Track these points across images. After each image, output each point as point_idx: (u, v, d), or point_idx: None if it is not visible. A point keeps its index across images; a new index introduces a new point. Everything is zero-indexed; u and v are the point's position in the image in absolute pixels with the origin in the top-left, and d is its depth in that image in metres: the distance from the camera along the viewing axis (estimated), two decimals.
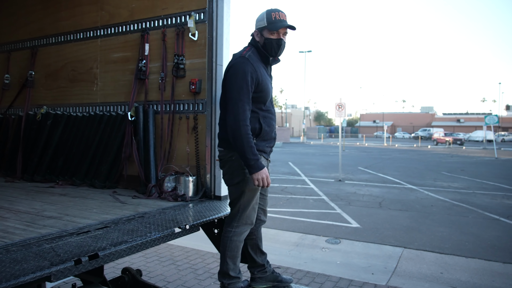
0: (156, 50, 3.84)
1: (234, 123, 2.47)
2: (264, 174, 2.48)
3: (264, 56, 2.72)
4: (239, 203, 2.66)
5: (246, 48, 2.73)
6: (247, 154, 2.44)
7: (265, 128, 2.67)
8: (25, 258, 1.83)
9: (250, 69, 2.55)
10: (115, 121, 4.00)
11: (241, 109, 2.47)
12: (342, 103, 12.82)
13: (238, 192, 2.65)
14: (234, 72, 2.57)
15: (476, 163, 21.58)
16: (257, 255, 2.96)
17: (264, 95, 2.66)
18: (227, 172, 2.73)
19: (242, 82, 2.51)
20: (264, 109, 2.70)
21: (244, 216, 2.68)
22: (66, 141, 4.33)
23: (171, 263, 5.00)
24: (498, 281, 4.58)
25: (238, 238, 2.70)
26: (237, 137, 2.46)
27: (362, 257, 5.38)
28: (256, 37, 2.73)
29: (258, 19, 2.72)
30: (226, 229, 2.72)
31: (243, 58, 2.60)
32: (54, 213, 2.83)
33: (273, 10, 2.67)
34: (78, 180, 4.13)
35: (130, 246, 2.11)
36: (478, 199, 9.92)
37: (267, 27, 2.66)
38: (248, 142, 2.45)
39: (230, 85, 2.57)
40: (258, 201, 2.76)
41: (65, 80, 4.51)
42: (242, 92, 2.50)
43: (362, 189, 11.47)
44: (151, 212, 2.92)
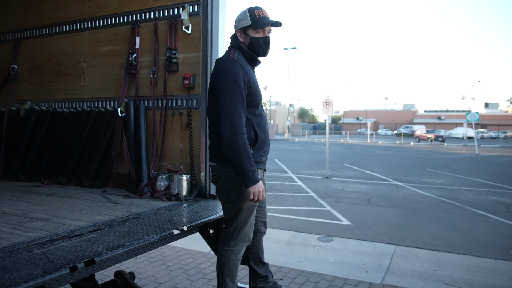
0: (147, 43, 3.69)
1: (230, 131, 2.25)
2: (261, 187, 2.34)
3: (251, 57, 2.54)
4: (236, 221, 2.50)
5: (230, 51, 2.52)
6: (245, 165, 2.25)
7: (260, 136, 2.50)
8: (15, 265, 1.69)
9: (241, 71, 2.36)
10: (104, 117, 3.84)
11: (236, 116, 2.27)
12: (329, 100, 12.81)
13: (235, 210, 2.48)
14: (224, 77, 2.34)
15: (458, 159, 21.94)
16: (259, 267, 2.87)
17: (256, 98, 2.49)
18: (221, 188, 2.53)
19: (235, 87, 2.30)
20: (257, 114, 2.52)
21: (242, 234, 2.53)
22: (52, 138, 4.15)
23: (161, 264, 4.86)
24: (490, 277, 4.59)
25: (236, 257, 2.56)
26: (233, 147, 2.25)
27: (355, 255, 5.34)
28: (240, 38, 2.53)
29: (239, 18, 2.53)
30: (223, 248, 2.55)
31: (232, 61, 2.39)
32: (42, 214, 2.68)
33: (255, 8, 2.50)
34: (64, 179, 3.96)
35: (128, 250, 1.99)
36: (463, 196, 10.04)
37: (252, 26, 2.48)
38: (246, 152, 2.26)
39: (221, 91, 2.33)
40: (255, 216, 2.62)
41: (50, 74, 4.31)
42: (235, 97, 2.29)
43: (349, 186, 11.48)
44: (146, 213, 2.79)
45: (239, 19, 2.53)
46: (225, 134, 2.27)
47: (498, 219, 7.49)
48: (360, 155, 24.19)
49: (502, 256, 5.32)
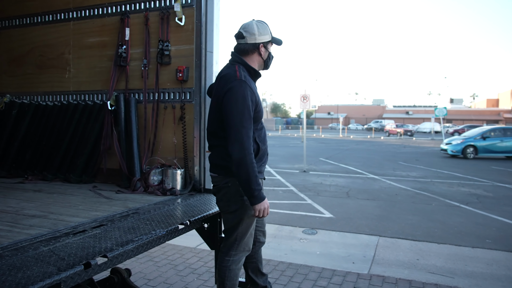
0: (137, 35, 3.60)
1: (240, 152, 2.26)
2: (266, 204, 2.37)
3: (254, 73, 2.54)
4: (236, 231, 2.50)
5: (234, 67, 2.47)
6: (252, 184, 2.28)
7: (262, 148, 2.53)
8: (25, 264, 1.62)
9: (250, 92, 2.36)
10: (92, 110, 3.73)
11: (245, 136, 2.28)
12: (307, 95, 12.92)
13: (236, 220, 2.49)
14: (233, 97, 2.32)
15: (427, 153, 22.66)
16: (258, 277, 2.88)
17: (260, 114, 2.51)
18: (222, 199, 2.52)
19: (244, 108, 2.30)
20: (259, 128, 2.54)
21: (242, 244, 2.54)
22: (35, 132, 3.99)
23: (148, 260, 4.79)
24: (470, 265, 4.79)
25: (236, 266, 2.56)
26: (243, 167, 2.26)
27: (341, 247, 5.44)
28: (262, 52, 2.52)
29: (261, 32, 2.48)
30: (224, 258, 2.55)
31: (241, 81, 2.36)
32: (36, 211, 2.58)
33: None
34: (50, 175, 3.82)
35: (138, 246, 1.95)
36: (436, 187, 10.39)
37: (272, 41, 2.54)
38: (254, 172, 2.28)
39: (230, 111, 2.32)
40: (255, 226, 2.63)
41: (32, 66, 4.13)
42: (244, 118, 2.29)
43: (327, 179, 11.65)
44: (144, 208, 2.74)
45: (260, 33, 2.49)
46: (235, 154, 2.27)
47: (471, 210, 7.81)
48: (334, 149, 24.57)
49: (479, 245, 5.56)
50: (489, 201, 8.74)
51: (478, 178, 12.15)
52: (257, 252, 2.86)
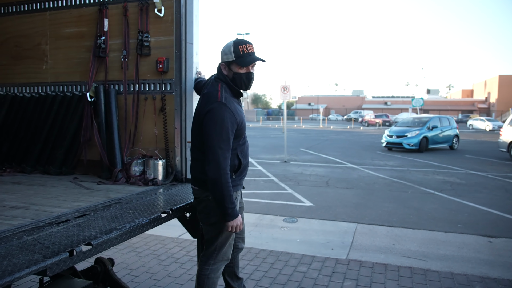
0: (116, 26, 3.59)
1: (216, 172, 2.32)
2: (239, 221, 2.45)
3: (236, 91, 2.55)
4: (216, 242, 2.58)
5: (217, 86, 2.49)
6: (226, 203, 2.36)
7: (243, 162, 2.59)
8: (10, 252, 1.65)
9: (229, 115, 2.38)
10: (71, 102, 3.71)
11: (221, 157, 2.33)
12: (287, 86, 13.01)
13: (215, 232, 2.56)
14: (212, 119, 2.36)
15: None
16: (234, 281, 2.97)
17: (242, 132, 2.54)
18: (203, 211, 2.59)
19: (221, 130, 2.34)
20: (241, 143, 2.58)
21: (221, 253, 2.63)
22: (11, 124, 3.94)
23: (131, 251, 4.82)
24: (442, 248, 5.01)
25: (215, 275, 2.65)
26: (217, 186, 2.33)
27: (320, 234, 5.58)
28: (224, 71, 2.52)
29: (224, 52, 2.50)
30: (203, 267, 2.63)
31: (221, 104, 2.38)
32: (17, 202, 2.58)
33: (240, 42, 2.46)
34: (28, 167, 3.79)
35: (121, 233, 2.00)
36: (412, 176, 10.69)
37: (235, 62, 2.45)
38: (228, 191, 2.35)
39: (208, 132, 2.37)
40: (234, 237, 2.71)
41: (7, 57, 4.06)
42: (221, 140, 2.34)
43: (307, 169, 11.83)
44: (126, 198, 2.77)
45: (224, 52, 2.50)
46: (210, 174, 2.33)
47: (445, 196, 8.10)
48: (314, 139, 24.84)
49: (451, 229, 5.80)
50: (461, 188, 9.07)
51: (452, 167, 12.55)
52: (235, 258, 2.94)
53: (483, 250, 4.96)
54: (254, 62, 2.49)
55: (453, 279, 4.05)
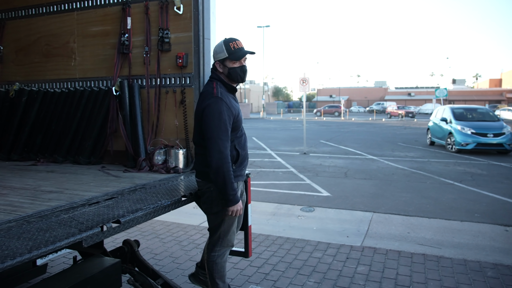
0: (138, 24, 3.81)
1: (218, 161, 2.50)
2: (239, 206, 2.64)
3: (231, 88, 2.77)
4: (219, 230, 2.79)
5: (212, 84, 2.71)
6: (228, 189, 2.54)
7: (241, 153, 2.77)
8: (50, 227, 1.89)
9: (225, 108, 2.59)
10: (98, 96, 3.97)
11: (222, 147, 2.52)
12: (306, 78, 13.08)
13: (218, 220, 2.76)
14: (210, 113, 2.57)
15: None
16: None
17: (238, 124, 2.74)
18: (206, 201, 2.78)
19: (220, 122, 2.54)
20: (238, 136, 2.77)
21: (225, 240, 2.84)
22: (44, 118, 4.24)
23: (154, 237, 5.09)
24: (457, 237, 5.08)
25: (222, 260, 2.87)
26: (220, 174, 2.51)
27: (336, 223, 5.73)
28: (219, 69, 2.73)
29: (217, 51, 2.73)
30: (210, 254, 2.85)
31: (217, 98, 2.60)
32: (52, 188, 2.85)
33: (230, 40, 2.70)
34: (60, 157, 4.08)
35: (146, 213, 2.21)
36: (433, 167, 10.65)
37: (229, 58, 2.68)
38: (229, 178, 2.53)
39: (207, 126, 2.56)
40: (236, 224, 2.91)
41: (39, 55, 4.36)
42: (220, 131, 2.53)
43: (326, 160, 11.92)
44: (150, 184, 3.00)
45: (216, 52, 2.73)
46: (213, 163, 2.51)
47: (464, 187, 8.08)
48: (334, 131, 24.78)
49: (467, 218, 5.84)
50: (482, 178, 9.01)
51: (474, 157, 12.39)
52: None
53: (498, 238, 5.01)
54: (246, 55, 2.73)
55: (466, 265, 4.14)
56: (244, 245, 3.51)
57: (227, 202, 2.59)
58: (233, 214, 2.64)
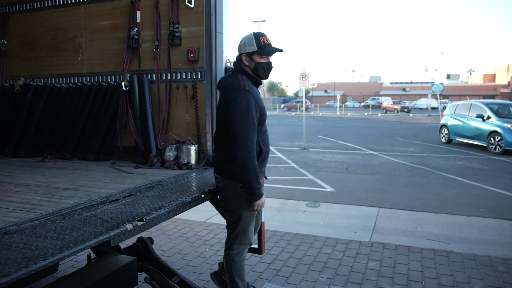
0: (148, 17, 3.75)
1: (244, 155, 2.47)
2: (263, 200, 2.62)
3: (256, 81, 2.71)
4: (237, 228, 2.75)
5: (237, 77, 2.64)
6: (254, 184, 2.52)
7: (264, 150, 2.73)
8: (75, 225, 1.85)
9: (253, 100, 2.54)
10: (106, 91, 3.90)
11: (249, 141, 2.48)
12: (305, 73, 13.04)
13: (236, 218, 2.73)
14: (238, 105, 2.51)
15: (424, 129, 22.94)
16: None
17: (264, 118, 2.70)
18: (224, 198, 2.77)
19: (248, 115, 2.49)
20: (262, 131, 2.72)
21: (243, 238, 2.80)
22: (51, 114, 4.17)
23: (161, 233, 5.05)
24: (465, 231, 5.09)
25: (240, 258, 2.83)
26: (246, 169, 2.48)
27: (343, 218, 5.72)
28: (245, 61, 2.67)
29: (245, 43, 2.65)
30: (228, 252, 2.82)
31: (245, 91, 2.54)
32: (66, 185, 2.79)
33: (260, 35, 2.65)
34: (68, 154, 4.02)
35: (169, 210, 2.17)
36: (433, 162, 10.68)
37: (257, 52, 2.62)
38: (255, 173, 2.51)
39: (235, 119, 2.51)
40: (254, 222, 2.87)
41: (44, 49, 4.28)
42: (248, 125, 2.48)
43: (327, 156, 11.91)
44: (165, 180, 2.96)
45: (244, 44, 2.66)
46: (239, 157, 2.47)
47: (467, 182, 8.11)
48: (332, 126, 24.80)
49: (473, 213, 5.86)
50: (483, 173, 9.04)
51: (473, 152, 12.45)
52: None
53: (505, 233, 5.02)
54: (275, 52, 2.68)
55: (476, 260, 4.14)
56: (258, 242, 3.48)
57: (251, 197, 2.56)
58: (258, 208, 2.62)
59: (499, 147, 12.13)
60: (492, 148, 12.38)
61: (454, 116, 14.61)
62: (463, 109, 14.38)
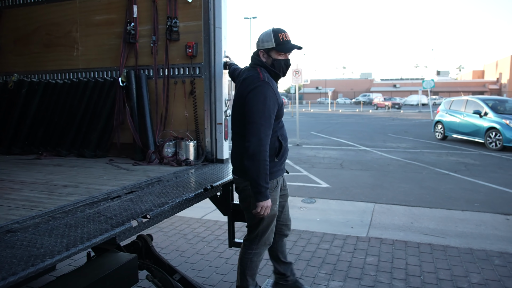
0: (145, 12, 3.70)
1: (256, 146, 2.37)
2: (269, 204, 2.46)
3: (275, 74, 2.65)
4: (258, 229, 2.70)
5: (257, 69, 2.59)
6: (261, 181, 2.39)
7: (283, 145, 2.67)
8: (79, 222, 1.82)
9: (271, 93, 2.47)
10: (103, 87, 3.85)
11: (263, 133, 2.39)
12: (299, 69, 13.03)
13: (257, 219, 2.64)
14: (256, 96, 2.44)
15: (416, 125, 23.12)
16: (279, 264, 3.06)
17: (282, 113, 2.63)
18: (244, 200, 2.70)
19: (264, 107, 2.41)
20: (280, 126, 2.67)
21: (263, 239, 2.75)
22: (46, 110, 4.10)
23: (158, 230, 5.01)
24: (460, 226, 5.13)
25: (258, 258, 2.80)
26: (256, 162, 2.37)
27: (339, 214, 5.73)
28: (263, 58, 2.61)
29: (263, 39, 2.60)
30: (246, 251, 2.77)
31: (264, 82, 2.48)
32: (65, 182, 2.75)
33: (279, 31, 2.59)
34: (64, 151, 3.97)
35: (172, 207, 2.15)
36: (426, 157, 10.76)
37: (275, 49, 2.56)
38: (264, 168, 2.39)
39: (251, 108, 2.43)
40: (275, 223, 2.81)
41: (39, 45, 4.20)
42: (264, 116, 2.40)
43: (320, 152, 11.94)
44: (165, 177, 2.93)
45: (262, 40, 2.60)
46: (251, 148, 2.37)
47: (460, 177, 8.18)
48: (324, 123, 24.86)
49: (468, 208, 5.91)
50: (476, 168, 9.14)
51: (465, 148, 12.57)
52: (277, 242, 3.02)
53: (500, 227, 5.08)
54: (294, 49, 2.61)
55: (472, 254, 4.18)
56: None
57: (256, 195, 2.42)
58: (261, 211, 2.45)
59: (497, 143, 12.02)
60: (490, 144, 12.22)
61: (450, 113, 14.45)
62: (458, 105, 14.23)
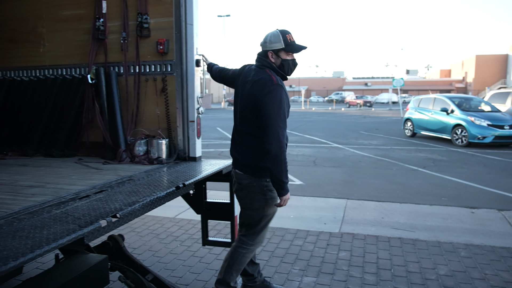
0: (114, 8, 3.62)
1: (278, 149, 2.51)
2: (289, 195, 2.67)
3: (282, 76, 2.73)
4: (258, 226, 2.78)
5: (266, 71, 2.66)
6: (283, 178, 2.56)
7: (287, 144, 2.74)
8: (45, 223, 1.76)
9: (284, 96, 2.61)
10: (71, 84, 3.75)
11: (281, 135, 2.54)
12: None
13: (259, 217, 2.76)
14: (271, 100, 2.54)
15: (386, 122, 23.67)
16: (248, 265, 3.10)
17: (288, 114, 2.73)
18: (247, 197, 2.77)
19: (280, 110, 2.55)
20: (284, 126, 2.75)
21: (260, 237, 2.84)
22: (11, 108, 3.95)
23: (130, 231, 4.93)
24: (429, 220, 5.30)
25: (250, 255, 2.86)
26: (279, 163, 2.52)
27: (312, 210, 5.80)
28: (271, 58, 2.69)
29: (271, 40, 2.67)
30: (241, 246, 2.82)
31: (278, 86, 2.58)
32: (31, 182, 2.66)
33: (286, 32, 2.69)
34: (30, 150, 3.83)
35: (143, 205, 2.11)
36: (396, 154, 11.03)
37: (284, 49, 2.66)
38: (285, 167, 2.57)
39: (269, 112, 2.53)
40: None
41: (3, 40, 4.04)
42: (280, 119, 2.54)
43: (294, 149, 12.04)
44: (137, 175, 2.88)
45: (270, 41, 2.68)
46: (273, 151, 2.50)
47: (428, 172, 8.44)
48: (297, 121, 25.06)
49: (436, 202, 6.11)
50: (443, 164, 9.45)
51: (433, 144, 12.96)
52: None
53: (466, 220, 5.27)
54: (302, 49, 2.72)
55: (440, 247, 4.32)
56: (231, 236, 3.48)
57: (280, 191, 2.60)
58: (283, 203, 2.66)
59: (463, 140, 12.35)
60: (456, 141, 12.56)
61: (419, 110, 14.79)
62: (427, 103, 14.60)
